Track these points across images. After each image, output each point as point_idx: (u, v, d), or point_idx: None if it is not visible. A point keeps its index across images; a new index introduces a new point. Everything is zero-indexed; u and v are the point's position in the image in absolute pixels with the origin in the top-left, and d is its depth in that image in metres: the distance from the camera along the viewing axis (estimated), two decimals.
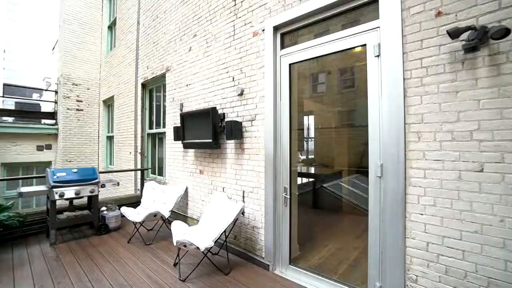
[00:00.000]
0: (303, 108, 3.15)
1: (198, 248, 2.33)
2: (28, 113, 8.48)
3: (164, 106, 4.68)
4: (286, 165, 2.64)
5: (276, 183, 2.69)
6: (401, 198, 1.81)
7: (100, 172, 4.14)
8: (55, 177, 3.33)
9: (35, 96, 12.23)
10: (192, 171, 3.80)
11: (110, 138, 7.63)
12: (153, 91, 5.34)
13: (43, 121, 8.47)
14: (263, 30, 2.79)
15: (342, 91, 3.36)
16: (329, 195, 3.54)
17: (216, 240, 2.51)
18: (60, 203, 3.53)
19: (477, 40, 1.45)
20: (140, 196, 4.35)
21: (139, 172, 5.17)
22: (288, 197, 2.62)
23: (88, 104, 8.06)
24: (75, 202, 3.87)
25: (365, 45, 2.11)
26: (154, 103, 5.34)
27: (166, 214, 3.37)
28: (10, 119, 8.64)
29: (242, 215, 2.94)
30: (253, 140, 2.89)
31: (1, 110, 7.98)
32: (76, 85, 7.87)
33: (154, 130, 5.25)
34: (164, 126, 4.75)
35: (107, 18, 8.13)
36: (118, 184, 4.16)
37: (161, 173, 4.93)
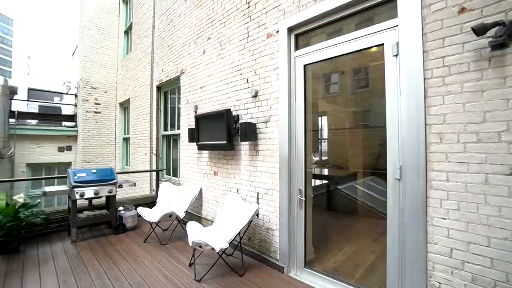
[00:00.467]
0: (318, 109, 3.11)
1: (213, 249, 2.35)
2: (50, 115, 8.86)
3: (179, 108, 4.77)
4: (301, 166, 2.62)
5: (291, 185, 2.67)
6: (422, 201, 1.75)
7: (117, 173, 4.27)
8: (76, 177, 3.46)
9: (56, 99, 12.79)
10: (206, 172, 3.85)
11: (126, 140, 7.86)
12: (167, 93, 5.46)
13: (63, 123, 8.83)
14: (277, 31, 2.79)
15: (356, 91, 3.30)
16: (343, 197, 3.47)
17: (231, 241, 2.52)
18: (79, 202, 3.67)
19: (505, 36, 1.38)
20: (156, 196, 4.44)
21: (154, 173, 5.29)
22: (303, 199, 2.59)
23: (106, 107, 8.34)
24: (94, 201, 4.01)
25: (382, 44, 2.06)
26: (169, 105, 5.45)
27: (181, 214, 3.42)
28: (34, 121, 9.09)
29: (256, 217, 2.93)
30: (268, 141, 2.89)
31: (26, 113, 8.38)
32: (94, 88, 8.17)
33: (169, 132, 5.36)
34: (178, 128, 4.84)
35: (123, 23, 8.41)
36: (134, 184, 4.29)
37: (175, 174, 5.02)
